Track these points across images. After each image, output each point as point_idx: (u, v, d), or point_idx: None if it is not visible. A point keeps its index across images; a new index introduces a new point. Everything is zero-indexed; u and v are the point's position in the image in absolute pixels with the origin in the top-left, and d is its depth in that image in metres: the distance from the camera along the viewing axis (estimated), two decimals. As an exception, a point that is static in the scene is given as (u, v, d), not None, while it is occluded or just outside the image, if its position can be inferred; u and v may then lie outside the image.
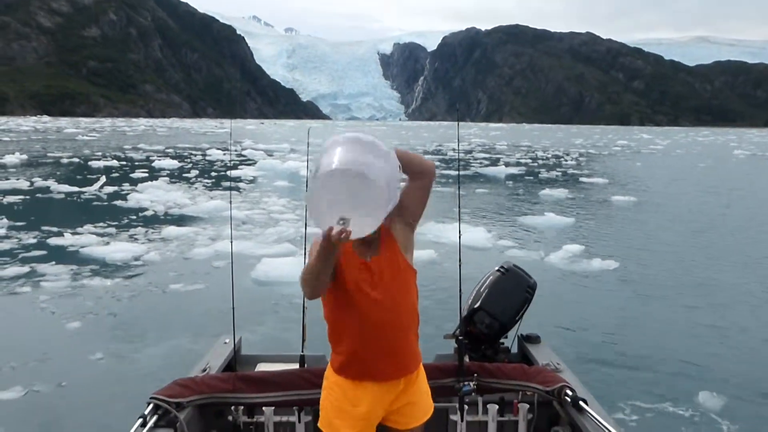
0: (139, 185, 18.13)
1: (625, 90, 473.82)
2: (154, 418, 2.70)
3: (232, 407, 3.12)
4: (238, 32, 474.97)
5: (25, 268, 8.67)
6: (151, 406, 2.74)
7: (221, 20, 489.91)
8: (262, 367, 3.61)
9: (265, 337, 6.24)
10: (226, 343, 3.80)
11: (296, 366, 3.38)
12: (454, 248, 3.63)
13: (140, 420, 2.64)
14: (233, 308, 3.61)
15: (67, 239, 10.63)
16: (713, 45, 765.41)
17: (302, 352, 3.42)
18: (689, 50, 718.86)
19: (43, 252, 9.82)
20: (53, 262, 8.96)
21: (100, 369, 5.48)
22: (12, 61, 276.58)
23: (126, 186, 18.49)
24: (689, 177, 28.66)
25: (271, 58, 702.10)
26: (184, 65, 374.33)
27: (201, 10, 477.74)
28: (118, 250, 9.85)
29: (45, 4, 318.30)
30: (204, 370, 3.36)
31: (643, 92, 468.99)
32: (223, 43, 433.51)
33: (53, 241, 10.60)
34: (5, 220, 12.31)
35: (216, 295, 7.32)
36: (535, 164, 33.74)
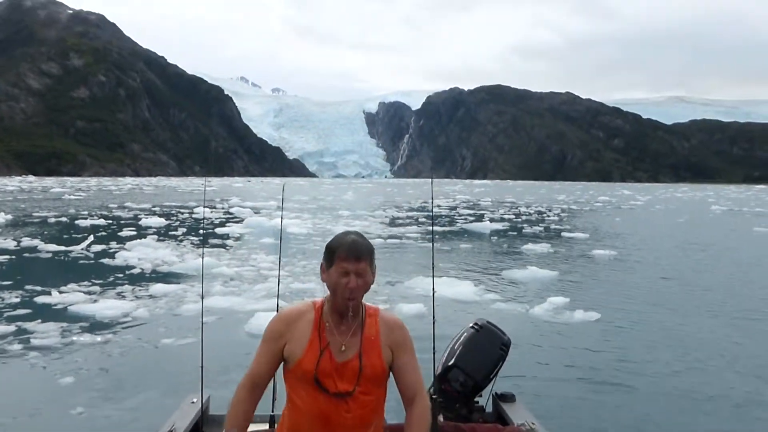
0: (127, 243, 18.16)
1: (606, 148, 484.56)
2: None
3: None
4: (225, 92, 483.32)
5: (12, 327, 8.67)
6: None
7: (209, 81, 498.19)
8: None
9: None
10: (193, 402, 3.70)
11: (266, 427, 3.28)
12: (440, 301, 3.75)
13: None
14: (201, 367, 3.59)
15: (55, 297, 10.62)
16: (688, 104, 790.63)
17: (272, 412, 3.31)
18: (666, 109, 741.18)
19: (30, 310, 9.80)
20: (39, 320, 8.96)
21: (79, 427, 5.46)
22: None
23: (113, 244, 18.51)
24: (668, 232, 29.26)
25: (258, 117, 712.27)
26: (172, 125, 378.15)
27: (190, 71, 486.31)
28: (107, 307, 9.87)
29: (35, 66, 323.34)
30: None
31: (623, 150, 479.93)
32: (211, 103, 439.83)
33: (40, 299, 10.58)
34: (-8, 279, 12.30)
35: (205, 350, 7.36)
36: (519, 220, 34.26)
